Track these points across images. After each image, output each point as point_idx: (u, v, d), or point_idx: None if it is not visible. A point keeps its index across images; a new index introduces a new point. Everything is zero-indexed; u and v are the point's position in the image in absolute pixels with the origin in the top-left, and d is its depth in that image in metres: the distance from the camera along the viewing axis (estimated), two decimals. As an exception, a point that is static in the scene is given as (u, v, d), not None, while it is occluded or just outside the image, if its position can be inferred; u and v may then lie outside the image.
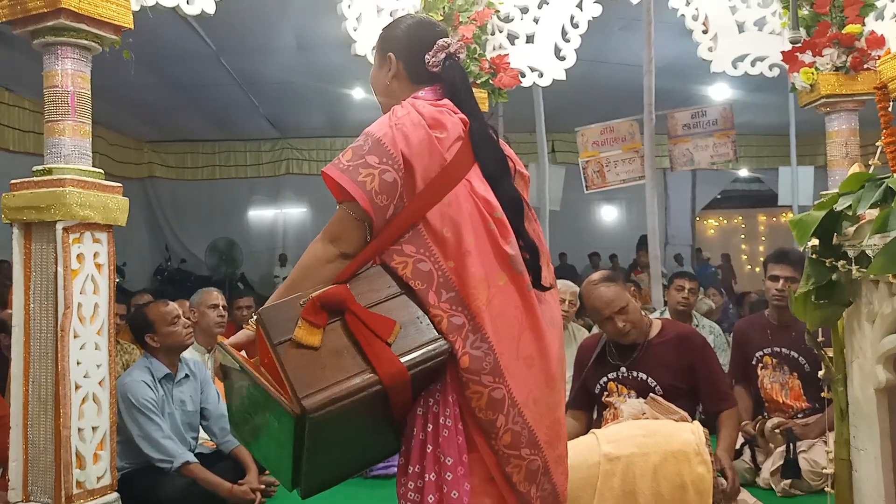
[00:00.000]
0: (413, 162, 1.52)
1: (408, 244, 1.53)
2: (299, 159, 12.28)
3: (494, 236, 1.55)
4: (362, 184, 1.49)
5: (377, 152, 1.51)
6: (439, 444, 1.47)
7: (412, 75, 1.70)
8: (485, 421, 1.50)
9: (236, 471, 3.11)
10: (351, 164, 1.51)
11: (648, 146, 5.73)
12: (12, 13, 2.39)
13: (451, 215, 1.53)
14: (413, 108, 1.58)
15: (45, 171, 2.38)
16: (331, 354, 1.42)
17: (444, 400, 1.50)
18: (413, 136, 1.53)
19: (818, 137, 3.63)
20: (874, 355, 1.66)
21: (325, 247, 1.55)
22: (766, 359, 3.16)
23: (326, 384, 1.38)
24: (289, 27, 6.69)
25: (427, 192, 1.53)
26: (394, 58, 1.70)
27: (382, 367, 1.41)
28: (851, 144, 3.43)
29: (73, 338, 2.33)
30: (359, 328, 1.44)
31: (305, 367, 1.39)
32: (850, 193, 1.64)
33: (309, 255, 1.57)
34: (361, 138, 1.56)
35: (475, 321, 1.50)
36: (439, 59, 1.67)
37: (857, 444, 1.75)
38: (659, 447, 2.37)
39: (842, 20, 3.42)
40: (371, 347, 1.43)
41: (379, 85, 1.75)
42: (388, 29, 1.77)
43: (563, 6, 3.60)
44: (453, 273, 1.51)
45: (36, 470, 2.32)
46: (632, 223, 12.00)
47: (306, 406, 1.35)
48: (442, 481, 1.45)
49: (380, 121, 1.59)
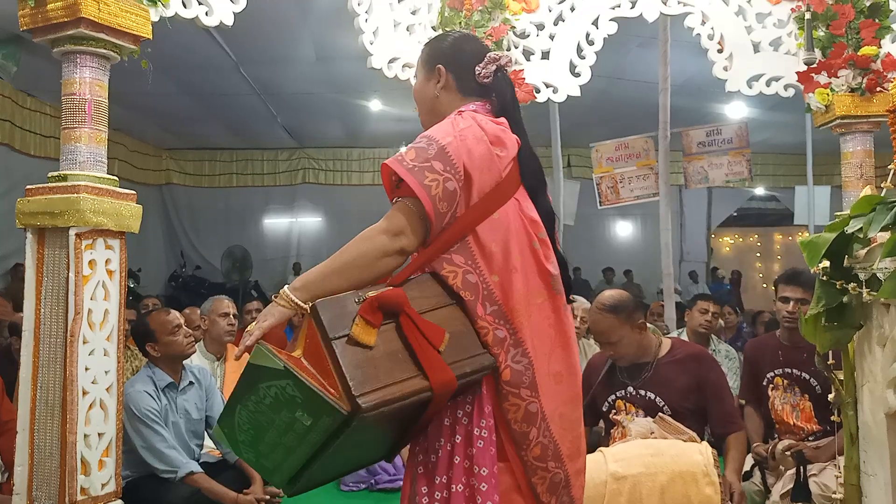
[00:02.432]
0: (473, 175, 1.55)
1: (457, 255, 1.56)
2: (316, 169, 12.36)
3: (538, 256, 1.60)
4: (428, 188, 1.50)
5: (442, 159, 1.53)
6: (472, 455, 1.49)
7: (462, 87, 1.73)
8: (518, 433, 1.54)
9: (241, 480, 3.10)
10: (416, 165, 1.52)
11: (663, 163, 5.71)
12: (33, 21, 2.43)
13: (500, 231, 1.57)
14: (475, 123, 1.61)
15: (60, 177, 2.40)
16: (383, 356, 1.43)
17: (478, 411, 1.52)
18: (475, 151, 1.56)
19: (835, 157, 3.60)
20: (885, 380, 1.64)
21: (389, 240, 1.51)
22: (777, 380, 3.13)
23: (380, 385, 1.39)
24: (308, 39, 6.76)
25: (480, 205, 1.57)
26: (443, 69, 1.73)
27: (434, 374, 1.42)
28: (866, 166, 3.40)
29: (82, 343, 2.34)
30: (413, 333, 1.45)
31: (359, 366, 1.39)
32: (861, 216, 1.63)
33: (367, 242, 1.52)
34: (423, 141, 1.57)
35: (517, 336, 1.55)
36: (490, 70, 1.71)
37: (866, 469, 1.73)
38: (667, 467, 2.35)
39: (858, 42, 3.40)
40: (424, 354, 1.43)
41: (425, 98, 1.77)
42: (434, 42, 1.81)
43: (579, 23, 3.60)
44: (497, 287, 1.55)
45: (41, 475, 2.32)
46: (646, 239, 11.95)
47: (362, 405, 1.35)
48: (475, 492, 1.47)
49: (442, 128, 1.61)
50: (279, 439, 1.50)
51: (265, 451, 1.57)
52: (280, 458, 1.54)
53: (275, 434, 1.50)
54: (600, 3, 3.59)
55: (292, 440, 1.47)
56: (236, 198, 12.29)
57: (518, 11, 3.62)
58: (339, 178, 12.38)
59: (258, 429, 1.53)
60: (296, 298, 1.48)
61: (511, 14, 3.61)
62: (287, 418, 1.45)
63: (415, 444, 1.61)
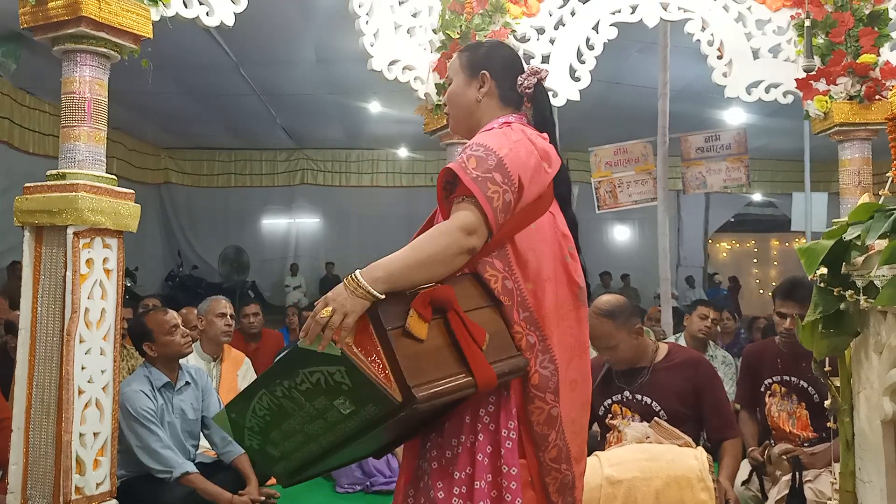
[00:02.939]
0: (525, 189, 1.59)
1: (497, 260, 1.61)
2: (314, 170, 12.37)
3: (569, 268, 1.67)
4: (490, 199, 1.53)
5: (501, 171, 1.56)
6: (501, 454, 1.54)
7: (502, 96, 1.77)
8: (539, 435, 1.60)
9: (237, 482, 3.10)
10: (479, 175, 1.54)
11: (661, 168, 5.72)
12: (34, 19, 2.42)
13: (536, 242, 1.63)
14: (525, 136, 1.66)
15: (59, 175, 2.40)
16: (432, 350, 1.46)
17: (504, 412, 1.57)
18: (528, 164, 1.61)
19: (833, 164, 3.62)
20: (881, 387, 1.64)
21: (465, 237, 1.52)
22: (774, 387, 3.12)
23: (431, 378, 1.42)
24: (309, 40, 6.76)
25: (521, 215, 1.61)
26: (488, 76, 1.76)
27: (479, 372, 1.47)
28: (864, 173, 3.41)
29: (78, 342, 2.33)
30: (461, 330, 1.49)
31: (412, 358, 1.42)
32: (859, 223, 1.63)
33: (447, 238, 1.52)
34: (481, 151, 1.59)
35: (546, 343, 1.61)
36: (531, 83, 1.75)
37: (862, 476, 1.73)
38: (662, 472, 2.35)
39: (857, 49, 3.41)
40: (470, 351, 1.48)
41: (464, 101, 1.78)
42: (474, 49, 1.84)
43: (580, 28, 3.61)
44: (531, 295, 1.61)
45: (35, 474, 2.32)
46: (644, 243, 11.98)
47: (417, 396, 1.37)
48: (504, 490, 1.52)
49: (497, 138, 1.63)
50: (302, 427, 1.50)
51: (277, 438, 1.56)
52: (293, 447, 1.55)
53: (298, 421, 1.50)
54: (601, 8, 3.60)
55: (318, 428, 1.48)
56: (234, 198, 12.29)
57: (519, 15, 3.63)
58: (338, 179, 12.39)
59: (279, 415, 1.53)
60: (374, 290, 1.43)
61: (512, 18, 3.62)
62: (321, 406, 1.45)
63: (424, 440, 1.65)
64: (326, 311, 1.42)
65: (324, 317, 1.42)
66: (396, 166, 12.27)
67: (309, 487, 3.65)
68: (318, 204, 12.69)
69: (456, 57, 1.83)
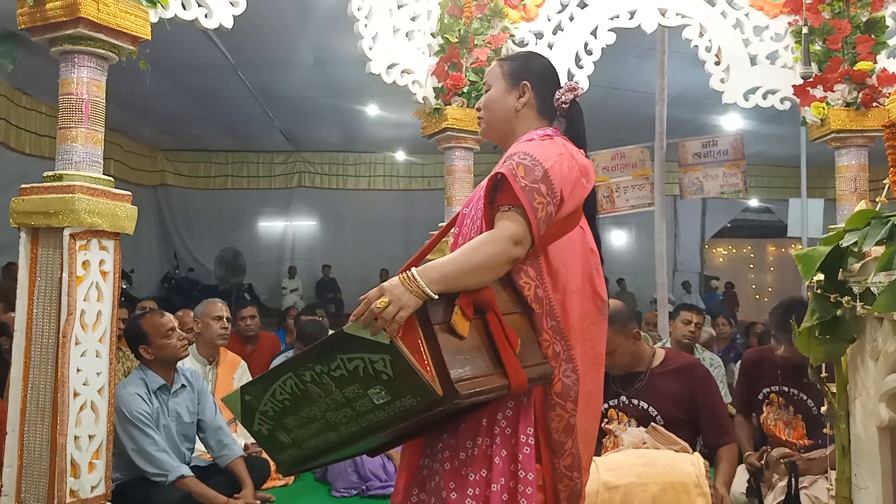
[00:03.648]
0: (565, 202, 1.64)
1: (531, 268, 1.64)
2: (311, 173, 12.37)
3: (594, 282, 1.72)
4: (535, 210, 1.57)
5: (546, 183, 1.59)
6: (518, 459, 1.57)
7: (540, 108, 1.81)
8: (557, 442, 1.63)
9: (232, 485, 3.09)
10: (527, 185, 1.58)
11: (658, 173, 5.73)
12: (32, 20, 2.42)
13: (566, 254, 1.67)
14: (567, 151, 1.69)
15: (56, 176, 2.39)
16: (472, 348, 1.49)
17: (523, 417, 1.60)
18: (570, 178, 1.65)
19: (829, 170, 3.63)
20: (877, 393, 1.64)
21: (513, 247, 1.56)
22: (772, 396, 3.12)
23: (471, 376, 1.44)
24: (307, 43, 6.77)
25: (555, 226, 1.65)
26: (529, 87, 1.80)
27: (514, 375, 1.50)
28: (860, 180, 3.42)
29: (74, 344, 2.33)
30: (499, 332, 1.52)
31: (455, 354, 1.44)
32: (856, 230, 1.64)
33: (497, 246, 1.55)
34: (528, 159, 1.62)
35: (570, 353, 1.65)
36: (568, 98, 1.79)
37: (858, 482, 1.73)
38: (658, 477, 2.34)
39: (854, 57, 3.42)
40: (507, 353, 1.51)
41: (503, 108, 1.82)
42: (516, 59, 1.87)
43: (578, 33, 3.62)
44: (559, 305, 1.65)
45: (30, 477, 2.31)
46: (641, 248, 12.00)
47: (461, 392, 1.39)
48: (520, 495, 1.55)
49: (542, 148, 1.66)
50: (324, 414, 1.50)
51: (292, 424, 1.56)
52: (307, 434, 1.55)
53: (321, 408, 1.50)
54: (599, 13, 3.61)
55: (342, 417, 1.48)
56: (231, 200, 12.27)
57: (517, 20, 3.64)
58: (335, 182, 12.38)
59: (301, 400, 1.52)
60: (429, 290, 1.47)
61: (510, 22, 3.62)
62: (353, 394, 1.46)
63: (431, 442, 1.67)
64: (383, 302, 1.44)
65: (379, 307, 1.43)
66: (394, 170, 12.27)
67: (305, 491, 3.63)
68: (314, 207, 12.68)
69: (497, 65, 1.87)
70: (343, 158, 12.27)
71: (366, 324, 1.43)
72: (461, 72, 3.57)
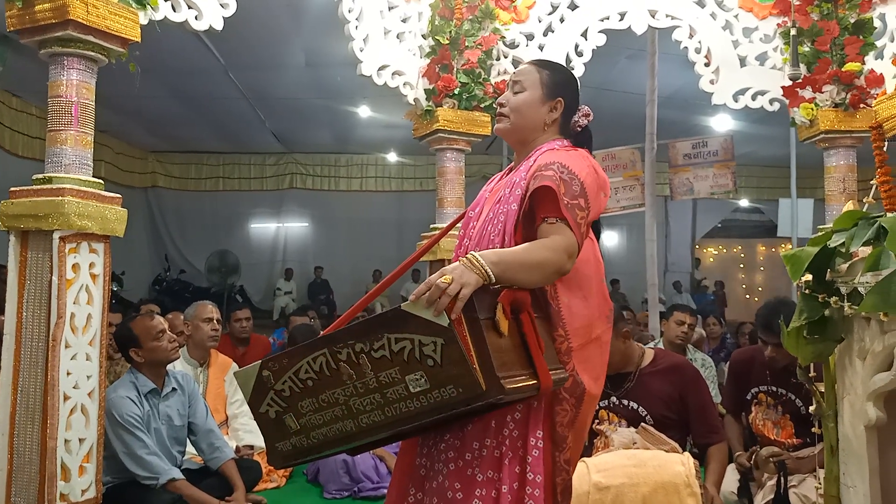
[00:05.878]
0: (591, 214, 1.69)
1: None
2: (303, 174, 12.34)
3: (604, 290, 1.80)
4: (578, 226, 1.63)
5: (583, 197, 1.65)
6: (527, 461, 1.60)
7: (561, 125, 1.86)
8: (560, 436, 1.67)
9: (224, 488, 3.08)
10: (570, 202, 1.63)
11: (649, 174, 5.75)
12: (21, 22, 2.41)
13: (581, 261, 1.69)
14: (593, 167, 1.75)
15: (45, 179, 2.38)
16: (509, 347, 1.50)
17: (533, 420, 1.63)
18: (596, 192, 1.71)
19: (819, 170, 3.65)
20: (865, 392, 1.66)
21: (566, 260, 1.62)
22: (761, 395, 3.14)
23: (512, 374, 1.46)
24: (298, 44, 6.76)
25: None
26: (562, 104, 1.85)
27: (543, 375, 1.54)
28: (849, 180, 3.44)
29: (64, 348, 2.32)
30: (532, 334, 1.55)
31: (498, 350, 1.45)
32: (843, 230, 1.65)
33: (554, 254, 1.60)
34: (566, 173, 1.66)
35: (581, 353, 1.70)
36: (583, 123, 1.86)
37: (846, 481, 1.75)
38: (649, 478, 2.36)
39: (842, 58, 3.45)
40: (537, 355, 1.55)
41: (535, 117, 1.84)
42: (554, 72, 1.89)
43: (569, 34, 3.63)
44: (566, 309, 1.69)
45: (20, 481, 2.30)
46: (632, 249, 12.02)
47: (506, 388, 1.40)
48: (527, 497, 1.58)
49: (575, 161, 1.71)
50: (347, 399, 1.47)
51: (307, 408, 1.52)
52: (321, 421, 1.51)
53: (347, 392, 1.47)
54: (590, 15, 3.63)
55: (368, 404, 1.45)
56: (223, 202, 12.23)
57: (508, 22, 3.65)
58: (327, 183, 12.36)
59: (328, 381, 1.49)
60: (492, 273, 1.50)
61: (501, 24, 3.63)
62: (388, 379, 1.43)
63: (431, 442, 1.69)
64: (446, 279, 1.45)
65: (444, 283, 1.44)
66: (385, 171, 12.26)
67: (296, 493, 3.63)
68: (306, 208, 12.65)
69: (535, 69, 1.87)
70: (335, 160, 12.25)
71: (430, 300, 1.42)
72: (452, 73, 3.57)
